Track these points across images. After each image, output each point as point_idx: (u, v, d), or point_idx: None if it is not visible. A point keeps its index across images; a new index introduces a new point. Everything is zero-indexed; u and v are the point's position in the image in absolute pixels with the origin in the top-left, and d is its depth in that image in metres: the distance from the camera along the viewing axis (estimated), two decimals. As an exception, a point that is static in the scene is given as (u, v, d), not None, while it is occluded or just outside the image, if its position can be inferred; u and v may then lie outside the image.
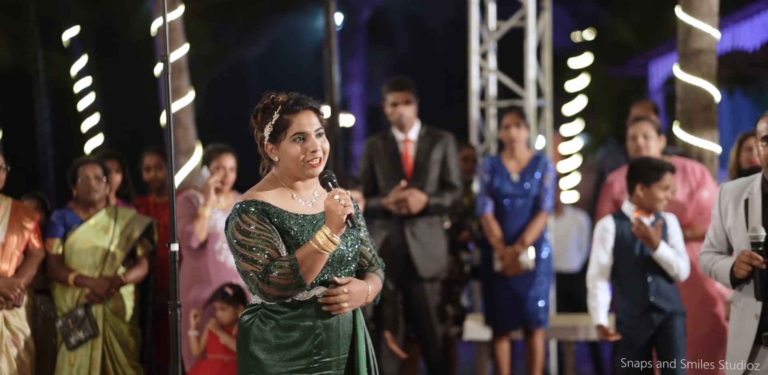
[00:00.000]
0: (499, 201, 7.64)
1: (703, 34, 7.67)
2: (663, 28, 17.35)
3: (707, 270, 4.97)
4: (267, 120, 4.09)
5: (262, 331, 4.03)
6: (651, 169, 6.23)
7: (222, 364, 6.60)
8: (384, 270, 4.34)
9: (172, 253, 5.20)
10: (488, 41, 8.83)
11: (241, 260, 3.99)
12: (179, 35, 8.70)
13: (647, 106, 7.95)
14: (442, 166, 7.36)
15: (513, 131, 7.64)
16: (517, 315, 7.57)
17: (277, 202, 4.05)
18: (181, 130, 8.67)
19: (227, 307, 6.64)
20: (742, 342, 4.77)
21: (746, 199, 4.79)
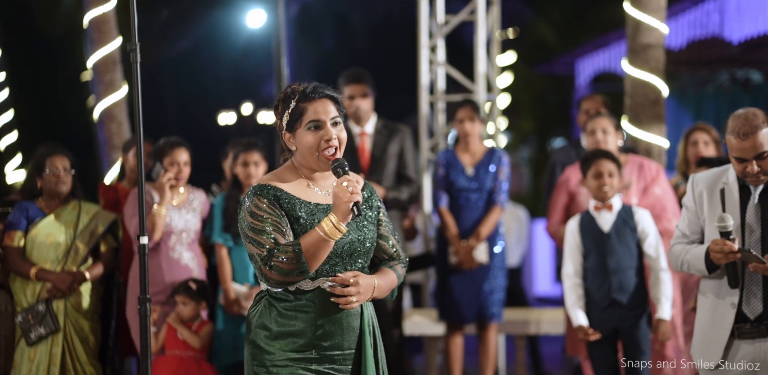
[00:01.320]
0: (454, 195, 7.64)
1: (651, 29, 7.77)
2: (586, 28, 17.62)
3: (679, 260, 4.95)
4: (285, 109, 4.05)
5: (266, 319, 4.00)
6: (584, 160, 6.29)
7: (180, 360, 6.50)
8: (406, 266, 4.25)
9: (141, 246, 5.08)
10: (437, 35, 8.83)
11: (247, 242, 3.97)
12: (112, 28, 8.54)
13: (598, 100, 8.01)
14: (399, 159, 7.32)
15: (467, 125, 7.64)
16: (472, 309, 7.58)
17: (290, 188, 4.03)
18: (114, 124, 8.50)
19: (189, 301, 6.53)
20: (717, 333, 4.78)
21: (722, 189, 4.84)
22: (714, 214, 4.81)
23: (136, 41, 5.21)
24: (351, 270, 4.02)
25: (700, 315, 4.93)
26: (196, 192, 6.86)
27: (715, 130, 7.23)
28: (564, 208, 7.14)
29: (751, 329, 4.73)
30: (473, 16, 8.75)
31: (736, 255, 4.65)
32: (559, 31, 17.86)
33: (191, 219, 6.75)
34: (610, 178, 6.13)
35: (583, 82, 13.75)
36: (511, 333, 8.35)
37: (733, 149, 4.70)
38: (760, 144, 4.65)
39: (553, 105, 18.48)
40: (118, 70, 8.51)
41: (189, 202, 6.79)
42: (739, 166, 4.73)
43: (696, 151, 7.14)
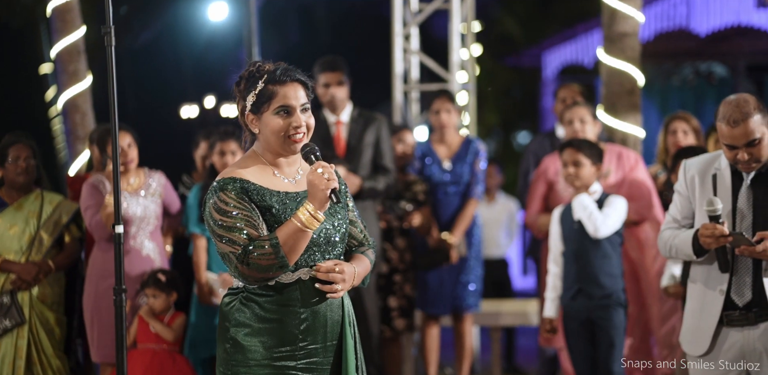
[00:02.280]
0: (431, 188, 7.55)
1: (627, 17, 7.72)
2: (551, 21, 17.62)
3: (667, 245, 4.88)
4: (250, 89, 3.82)
5: (245, 314, 3.79)
6: (559, 150, 6.27)
7: (153, 353, 6.35)
8: (377, 251, 4.12)
9: (117, 236, 4.94)
10: (411, 23, 8.73)
11: (218, 241, 3.75)
12: (76, 17, 8.33)
13: (574, 89, 7.94)
14: (375, 148, 7.19)
15: (443, 116, 7.55)
16: (448, 300, 7.50)
17: (257, 178, 3.80)
18: (79, 115, 8.28)
19: (159, 294, 6.38)
20: (705, 320, 4.73)
21: (714, 174, 4.78)
22: (705, 199, 4.75)
23: (111, 24, 5.04)
24: (328, 258, 3.85)
25: (689, 302, 4.87)
26: (154, 174, 6.62)
27: (694, 119, 7.20)
28: (542, 198, 7.08)
29: (739, 317, 4.68)
30: (447, 4, 8.67)
31: (727, 239, 4.60)
32: (523, 24, 17.85)
33: (150, 204, 6.51)
34: (575, 167, 6.10)
35: (550, 74, 13.73)
36: (486, 325, 8.28)
37: (724, 136, 4.65)
38: (751, 131, 4.59)
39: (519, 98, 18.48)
40: (82, 59, 8.31)
41: (146, 187, 6.57)
42: (730, 154, 4.67)
43: (675, 140, 7.09)
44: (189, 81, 18.07)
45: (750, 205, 4.69)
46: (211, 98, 18.21)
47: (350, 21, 18.08)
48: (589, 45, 13.02)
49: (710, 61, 14.96)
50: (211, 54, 17.33)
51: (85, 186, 6.47)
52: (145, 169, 6.64)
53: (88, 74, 8.26)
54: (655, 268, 6.72)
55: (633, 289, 6.68)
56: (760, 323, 4.65)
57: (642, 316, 6.75)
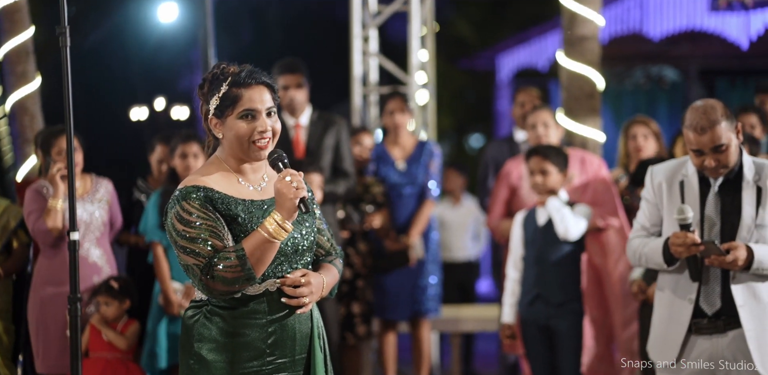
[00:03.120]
0: (386, 190, 7.47)
1: (586, 20, 7.68)
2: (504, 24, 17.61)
3: (637, 254, 4.84)
4: (214, 92, 3.67)
5: (209, 329, 3.62)
6: (525, 157, 6.23)
7: (106, 362, 6.21)
8: (343, 260, 3.98)
9: (71, 243, 4.79)
10: (370, 25, 8.64)
11: (181, 253, 3.58)
12: (24, 17, 8.14)
13: (532, 93, 7.91)
14: (335, 152, 7.08)
15: (398, 117, 7.50)
16: (407, 305, 7.42)
17: (221, 186, 3.64)
18: (27, 117, 8.07)
19: (112, 301, 6.24)
20: (674, 329, 4.70)
21: (681, 181, 4.75)
22: (673, 206, 4.72)
23: (66, 24, 4.93)
24: (296, 268, 3.70)
25: (657, 311, 4.83)
26: (102, 181, 6.45)
27: (654, 123, 7.18)
28: (505, 202, 7.03)
29: (708, 325, 4.65)
30: (407, 6, 8.59)
31: (699, 247, 4.56)
32: (477, 27, 17.83)
33: (96, 210, 6.34)
34: (543, 176, 6.07)
35: (504, 77, 13.70)
36: (446, 330, 8.21)
37: (691, 143, 4.62)
38: (718, 137, 4.56)
39: (472, 101, 18.46)
40: (31, 60, 8.11)
41: (93, 192, 6.40)
42: (697, 160, 4.64)
43: (636, 144, 7.07)
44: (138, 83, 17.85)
45: (718, 212, 4.66)
46: (161, 100, 18.01)
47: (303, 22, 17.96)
48: (542, 49, 13.01)
49: (662, 65, 15.03)
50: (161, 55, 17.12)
51: (28, 191, 6.30)
52: (93, 176, 6.47)
53: (37, 75, 8.07)
54: (617, 273, 6.68)
55: (596, 294, 6.63)
56: (729, 331, 4.63)
57: (606, 321, 6.71)
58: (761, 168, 4.67)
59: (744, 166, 4.67)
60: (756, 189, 4.63)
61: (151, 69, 17.23)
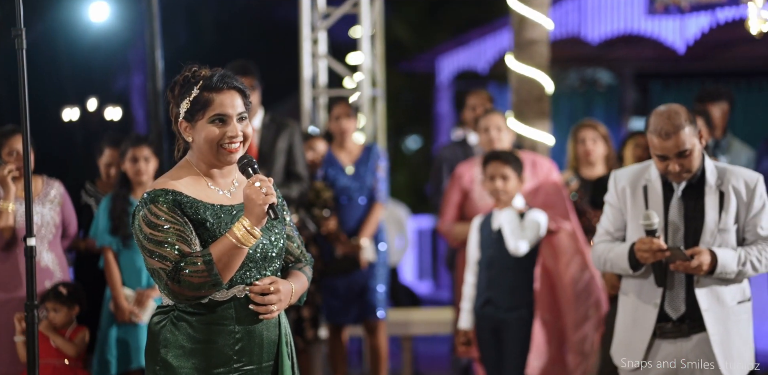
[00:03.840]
0: (336, 194, 7.46)
1: (535, 24, 7.72)
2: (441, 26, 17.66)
3: (602, 259, 4.86)
4: (185, 95, 3.63)
5: (175, 335, 3.58)
6: (483, 162, 6.24)
7: (54, 369, 6.06)
8: (312, 266, 3.96)
9: (28, 249, 4.69)
10: (319, 28, 8.59)
11: (148, 256, 3.53)
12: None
13: (483, 96, 7.93)
14: (287, 155, 7.03)
15: (343, 122, 7.50)
16: (357, 309, 7.39)
17: (190, 190, 3.60)
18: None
19: (60, 307, 6.10)
20: (639, 333, 4.73)
21: (644, 185, 4.78)
22: (637, 211, 4.75)
23: (21, 26, 4.84)
24: (265, 275, 3.67)
25: (621, 315, 4.86)
26: (53, 182, 6.30)
27: (602, 126, 7.23)
28: (457, 206, 7.03)
29: (672, 329, 4.70)
30: (356, 8, 8.56)
31: (665, 253, 4.59)
32: (413, 29, 17.87)
33: (48, 212, 6.19)
34: (503, 181, 6.08)
35: (444, 80, 13.75)
36: (396, 334, 8.19)
37: (655, 148, 4.65)
38: (682, 142, 4.61)
39: (408, 103, 18.49)
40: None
41: (44, 194, 6.26)
42: (661, 164, 4.68)
43: (585, 148, 7.11)
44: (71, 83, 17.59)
45: (681, 216, 4.71)
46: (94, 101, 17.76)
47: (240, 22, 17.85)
48: (482, 51, 13.08)
49: (596, 68, 15.20)
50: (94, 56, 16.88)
51: None
52: (44, 177, 6.33)
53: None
54: (569, 276, 6.72)
55: (548, 297, 6.66)
56: (693, 335, 4.69)
57: (557, 324, 6.74)
58: (723, 172, 4.73)
59: (707, 170, 4.72)
60: (719, 193, 4.69)
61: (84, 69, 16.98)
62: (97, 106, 17.89)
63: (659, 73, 14.45)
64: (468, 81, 14.08)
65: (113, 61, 17.45)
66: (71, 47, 17.06)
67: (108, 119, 17.49)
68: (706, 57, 13.24)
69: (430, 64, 14.09)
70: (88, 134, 16.60)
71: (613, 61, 14.17)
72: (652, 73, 14.49)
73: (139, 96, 17.23)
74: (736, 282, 4.69)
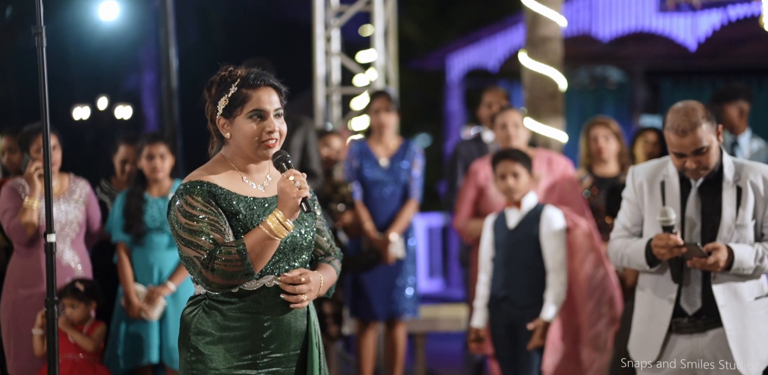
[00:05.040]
0: (368, 188, 7.45)
1: (549, 21, 7.74)
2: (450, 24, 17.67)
3: (619, 255, 4.88)
4: (222, 93, 3.76)
5: (206, 322, 3.71)
6: (493, 160, 6.23)
7: (73, 364, 6.11)
8: (341, 260, 4.07)
9: (48, 245, 4.73)
10: (332, 26, 8.61)
11: (183, 245, 3.66)
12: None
13: (499, 93, 7.93)
14: (302, 153, 7.05)
15: (383, 116, 7.48)
16: (385, 305, 7.39)
17: (224, 183, 3.73)
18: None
19: (78, 303, 6.14)
20: (654, 328, 4.74)
21: (662, 181, 4.79)
22: (654, 206, 4.76)
23: (42, 25, 4.88)
24: (294, 266, 3.79)
25: (638, 310, 4.87)
26: (79, 181, 6.36)
27: (614, 123, 7.23)
28: (472, 202, 7.04)
29: (688, 324, 4.70)
30: (369, 6, 8.58)
31: (681, 249, 4.60)
32: (423, 27, 17.88)
33: (72, 211, 6.25)
34: (515, 178, 6.07)
35: (454, 78, 13.76)
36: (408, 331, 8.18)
37: (672, 145, 4.65)
38: (699, 140, 4.61)
39: (418, 101, 18.51)
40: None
41: (69, 193, 6.30)
42: (678, 161, 4.68)
43: (597, 146, 7.11)
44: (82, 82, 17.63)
45: (698, 212, 4.71)
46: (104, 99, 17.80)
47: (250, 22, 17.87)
48: (492, 49, 13.09)
49: (606, 66, 15.20)
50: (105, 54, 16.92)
51: (4, 188, 6.21)
52: (71, 175, 6.37)
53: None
54: (584, 273, 6.73)
55: (563, 294, 6.67)
56: (709, 330, 4.69)
57: (572, 321, 6.75)
58: (741, 168, 4.73)
59: (724, 166, 4.72)
60: (736, 189, 4.69)
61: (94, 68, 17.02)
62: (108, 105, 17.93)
63: (670, 71, 14.45)
64: (478, 79, 14.10)
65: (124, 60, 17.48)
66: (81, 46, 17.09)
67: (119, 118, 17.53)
68: (717, 54, 13.25)
69: (440, 62, 14.10)
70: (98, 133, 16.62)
71: (624, 59, 14.17)
72: (662, 71, 14.49)
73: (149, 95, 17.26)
74: (753, 278, 4.69)
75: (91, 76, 17.33)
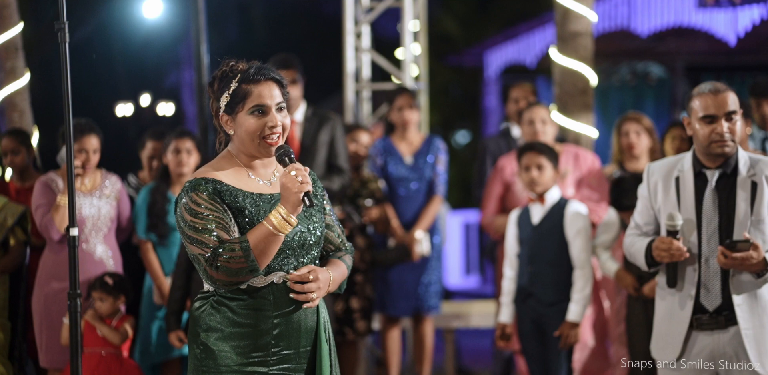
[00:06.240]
0: (393, 184, 7.45)
1: (579, 16, 7.69)
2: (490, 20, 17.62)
3: (628, 253, 4.89)
4: (224, 89, 3.73)
5: (216, 319, 3.68)
6: (518, 153, 6.19)
7: (100, 357, 6.16)
8: (353, 256, 4.02)
9: (71, 239, 4.77)
10: (362, 21, 8.62)
11: (188, 243, 3.64)
12: (13, 12, 8.07)
13: (526, 88, 7.90)
14: (329, 148, 7.05)
15: (406, 113, 7.47)
16: (410, 301, 7.39)
17: (230, 179, 3.71)
18: (16, 113, 8.01)
19: (106, 297, 6.19)
20: (675, 326, 4.70)
21: (677, 177, 4.74)
22: (669, 203, 4.71)
23: (65, 20, 4.91)
24: (303, 262, 3.74)
25: (658, 308, 4.83)
26: (111, 177, 6.42)
27: (646, 119, 7.17)
28: (499, 198, 7.02)
29: (709, 320, 4.65)
30: (399, 2, 8.58)
31: (683, 255, 4.57)
32: (462, 23, 17.84)
33: (104, 206, 6.30)
34: (539, 171, 6.02)
35: (492, 74, 13.73)
36: (438, 327, 8.18)
37: (703, 108, 4.58)
38: (733, 101, 4.58)
39: (457, 97, 18.48)
40: (20, 56, 8.05)
41: (101, 188, 6.36)
42: (708, 128, 4.59)
43: (628, 141, 7.06)
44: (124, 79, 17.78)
45: (716, 207, 4.64)
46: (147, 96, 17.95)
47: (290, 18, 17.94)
48: (530, 45, 13.05)
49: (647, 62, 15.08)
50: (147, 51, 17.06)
51: (38, 183, 6.26)
52: (102, 171, 6.43)
53: (26, 72, 8.02)
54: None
55: (590, 291, 6.63)
56: (730, 327, 4.63)
57: (599, 317, 6.72)
58: (756, 163, 4.67)
59: (740, 160, 4.67)
60: (751, 184, 4.63)
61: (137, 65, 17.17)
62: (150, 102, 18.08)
63: (711, 66, 14.29)
64: (516, 75, 14.05)
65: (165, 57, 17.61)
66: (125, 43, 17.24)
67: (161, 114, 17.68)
68: (758, 49, 13.09)
69: (478, 58, 14.07)
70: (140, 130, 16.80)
71: (665, 55, 14.04)
72: (703, 66, 14.33)
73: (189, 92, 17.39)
74: None
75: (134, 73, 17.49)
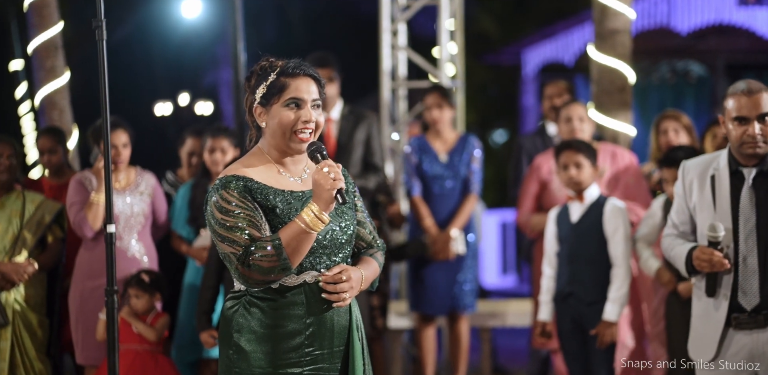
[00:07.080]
0: (428, 183, 7.41)
1: (618, 14, 7.63)
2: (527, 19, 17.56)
3: (667, 255, 4.83)
4: (261, 81, 3.70)
5: (247, 320, 3.64)
6: (556, 152, 6.15)
7: (135, 354, 6.19)
8: (384, 253, 3.96)
9: (108, 235, 4.79)
10: (399, 19, 8.61)
11: (219, 241, 3.59)
12: (53, 12, 8.15)
13: (561, 86, 7.84)
14: (365, 146, 7.05)
15: (435, 112, 7.42)
16: (445, 300, 7.36)
17: (261, 177, 3.65)
18: (56, 112, 8.11)
19: (142, 294, 6.22)
20: (712, 324, 4.64)
21: (712, 175, 4.68)
22: (704, 201, 4.65)
23: (102, 18, 4.92)
24: (335, 261, 3.70)
25: (695, 308, 4.77)
26: (145, 174, 6.45)
27: (685, 117, 7.10)
28: (535, 197, 6.97)
29: (748, 319, 4.57)
30: (436, 0, 8.56)
31: (724, 266, 4.52)
32: (500, 22, 17.78)
33: (138, 203, 6.34)
34: (578, 169, 5.97)
35: (530, 72, 13.68)
36: (474, 326, 8.15)
37: (740, 108, 4.52)
38: (766, 103, 4.51)
39: (494, 96, 18.42)
40: (59, 55, 8.13)
41: (135, 185, 6.39)
42: (740, 130, 4.53)
43: (667, 139, 6.99)
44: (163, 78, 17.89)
45: (753, 205, 4.57)
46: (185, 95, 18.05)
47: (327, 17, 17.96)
48: (569, 43, 13.00)
49: (688, 60, 14.97)
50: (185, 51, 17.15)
51: (72, 181, 6.31)
52: (137, 168, 6.46)
53: (66, 70, 8.08)
54: (647, 269, 6.64)
55: (628, 291, 6.58)
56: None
57: (637, 317, 6.66)
58: None
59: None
60: None
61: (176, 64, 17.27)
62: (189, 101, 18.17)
63: (752, 65, 14.17)
64: (554, 73, 13.97)
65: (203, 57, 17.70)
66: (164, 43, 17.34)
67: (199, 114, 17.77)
68: (801, 48, 12.97)
69: (516, 57, 14.03)
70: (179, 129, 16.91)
71: (704, 53, 13.94)
72: (744, 65, 14.21)
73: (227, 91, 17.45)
74: None
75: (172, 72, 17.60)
